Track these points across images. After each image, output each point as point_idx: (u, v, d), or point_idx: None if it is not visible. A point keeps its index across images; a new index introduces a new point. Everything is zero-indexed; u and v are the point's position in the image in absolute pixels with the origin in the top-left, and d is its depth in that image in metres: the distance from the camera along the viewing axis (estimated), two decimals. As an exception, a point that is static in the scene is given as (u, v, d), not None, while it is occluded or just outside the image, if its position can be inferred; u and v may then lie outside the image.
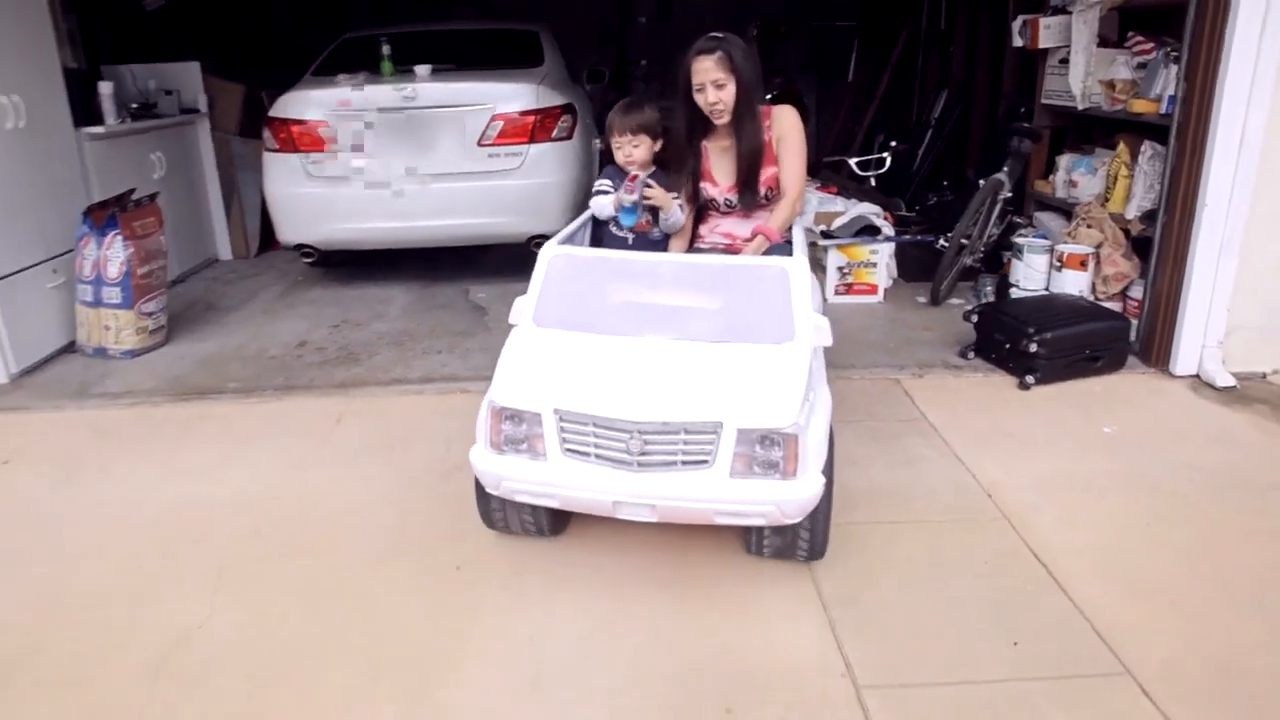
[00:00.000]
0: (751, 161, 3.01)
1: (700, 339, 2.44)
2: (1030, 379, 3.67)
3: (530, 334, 2.53)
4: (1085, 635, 2.26)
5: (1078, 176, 4.55)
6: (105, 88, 4.83)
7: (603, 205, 3.16)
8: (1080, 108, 4.47)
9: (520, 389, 2.33)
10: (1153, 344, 3.93)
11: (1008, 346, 3.77)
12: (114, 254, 4.15)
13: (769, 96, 8.28)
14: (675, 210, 3.13)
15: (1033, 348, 3.63)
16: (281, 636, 2.30)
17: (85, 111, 4.71)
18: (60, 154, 4.46)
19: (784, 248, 2.97)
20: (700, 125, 3.05)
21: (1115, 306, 4.19)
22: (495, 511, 2.56)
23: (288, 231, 4.95)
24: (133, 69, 5.59)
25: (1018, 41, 4.76)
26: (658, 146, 3.16)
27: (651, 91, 10.22)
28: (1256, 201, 3.61)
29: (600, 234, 3.27)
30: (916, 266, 5.06)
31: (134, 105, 5.34)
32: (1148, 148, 4.03)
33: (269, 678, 2.15)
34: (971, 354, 3.98)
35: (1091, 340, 3.74)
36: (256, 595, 2.47)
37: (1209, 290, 3.73)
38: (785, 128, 3.05)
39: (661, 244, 3.23)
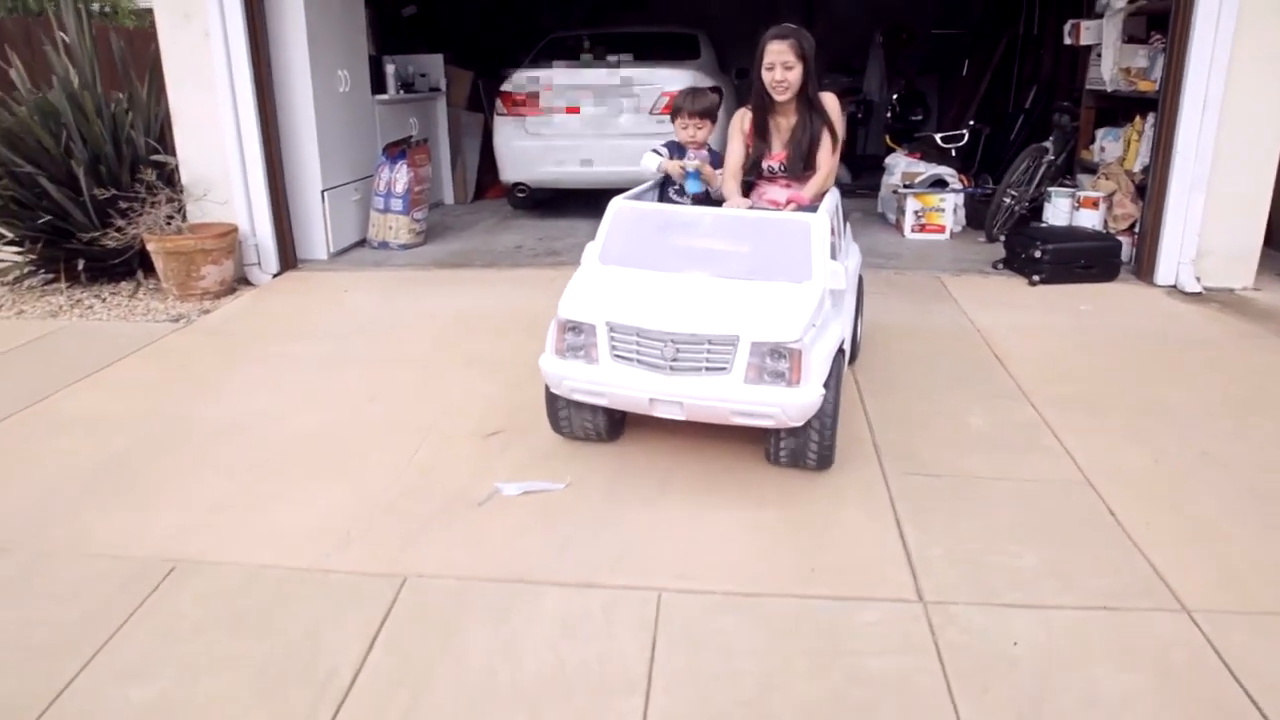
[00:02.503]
0: (811, 136, 3.50)
1: (731, 277, 2.89)
2: (1036, 278, 5.06)
3: (594, 269, 3.05)
4: (1009, 385, 3.74)
5: (1107, 144, 5.85)
6: (389, 68, 6.86)
7: (650, 160, 3.72)
8: (1109, 90, 5.78)
9: (580, 306, 2.84)
10: (1142, 262, 5.23)
11: (1023, 255, 5.17)
12: (399, 176, 6.11)
13: (894, 96, 9.76)
14: (718, 180, 3.67)
15: (1039, 254, 5.02)
16: (491, 354, 4.04)
17: (376, 84, 6.73)
18: (364, 111, 6.48)
19: (811, 209, 3.34)
20: (767, 101, 3.50)
21: (1125, 239, 5.48)
22: (562, 418, 3.08)
23: (510, 173, 6.84)
24: (397, 58, 7.63)
25: (1067, 40, 6.09)
26: (714, 130, 3.75)
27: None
28: (1218, 151, 4.88)
29: (663, 199, 3.81)
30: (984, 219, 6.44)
31: (400, 83, 7.36)
32: (1150, 118, 5.33)
33: (491, 361, 3.89)
34: (1000, 265, 5.40)
35: (1087, 254, 5.10)
36: (491, 343, 4.22)
37: (1182, 218, 5.01)
38: (831, 107, 3.53)
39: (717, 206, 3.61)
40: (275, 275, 5.58)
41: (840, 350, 2.88)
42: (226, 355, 4.31)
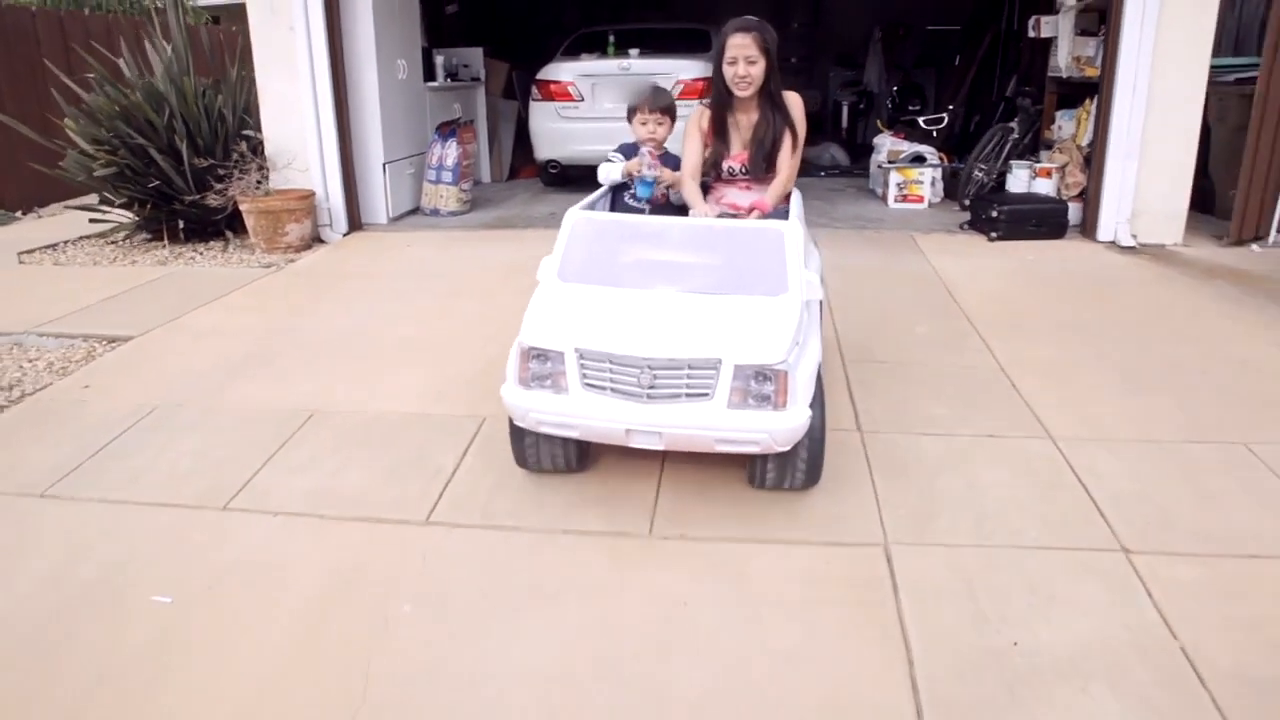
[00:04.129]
0: (774, 135, 3.39)
1: (704, 291, 2.73)
2: (994, 234, 5.94)
3: (555, 287, 2.82)
4: (953, 308, 4.64)
5: (1063, 123, 6.71)
6: (438, 60, 7.81)
7: (609, 170, 3.60)
8: (1065, 76, 6.64)
9: (545, 331, 2.61)
10: (1086, 222, 6.10)
11: (983, 216, 6.05)
12: (449, 152, 7.05)
13: (894, 88, 10.64)
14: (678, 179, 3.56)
15: (995, 214, 5.91)
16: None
17: (426, 73, 7.68)
18: (417, 96, 7.43)
19: (780, 216, 3.33)
20: (725, 98, 3.41)
21: (1076, 204, 6.34)
22: (528, 451, 2.83)
23: (543, 151, 7.79)
24: (444, 51, 8.57)
25: (1031, 33, 6.95)
26: (673, 129, 3.62)
27: (800, 83, 12.74)
28: (1147, 126, 5.74)
29: (617, 205, 3.67)
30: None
31: (447, 73, 8.31)
32: (1095, 99, 6.20)
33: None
34: (965, 226, 6.28)
35: (1037, 215, 5.98)
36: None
37: (1118, 183, 5.87)
38: (794, 105, 3.45)
39: (677, 213, 3.51)
40: (344, 235, 6.53)
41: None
42: (316, 290, 5.27)
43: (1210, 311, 4.65)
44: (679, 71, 7.46)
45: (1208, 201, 6.52)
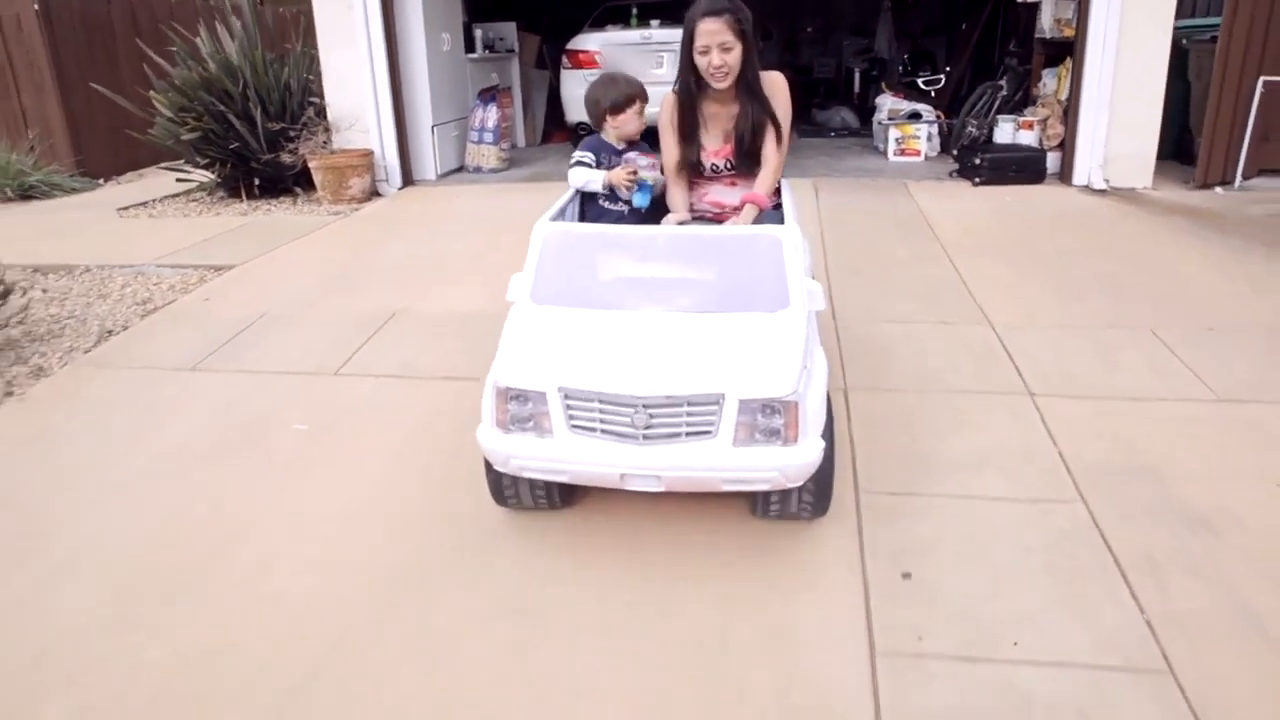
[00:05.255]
0: (756, 126, 3.07)
1: (697, 310, 2.47)
2: (977, 180, 6.64)
3: (529, 311, 2.55)
4: (930, 236, 5.37)
5: (1048, 80, 7.37)
6: (478, 33, 8.59)
7: (589, 178, 3.21)
8: (1049, 37, 7.29)
9: (523, 369, 2.33)
10: (1064, 168, 6.78)
11: (969, 164, 6.75)
12: (490, 115, 7.85)
13: (905, 56, 11.27)
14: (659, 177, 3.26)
15: (978, 162, 6.60)
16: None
17: (467, 45, 8.47)
18: (459, 66, 8.22)
19: (773, 214, 3.09)
20: (695, 90, 3.08)
21: (1056, 153, 7.00)
22: (506, 489, 2.56)
23: (574, 115, 8.55)
24: (482, 25, 9.35)
25: (1020, -2, 7.61)
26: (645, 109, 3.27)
27: (815, 51, 13.40)
28: (1116, 80, 6.40)
29: (589, 212, 3.29)
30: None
31: (484, 45, 9.08)
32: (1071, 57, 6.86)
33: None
34: (954, 174, 6.98)
35: (1016, 162, 6.66)
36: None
37: (1091, 133, 6.54)
38: (776, 92, 3.11)
39: (653, 215, 3.21)
40: (399, 189, 7.36)
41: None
42: (381, 231, 6.11)
43: (1155, 238, 5.35)
44: (697, 40, 8.18)
45: (1188, 152, 7.15)
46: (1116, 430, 3.08)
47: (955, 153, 6.93)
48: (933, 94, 8.53)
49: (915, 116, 7.84)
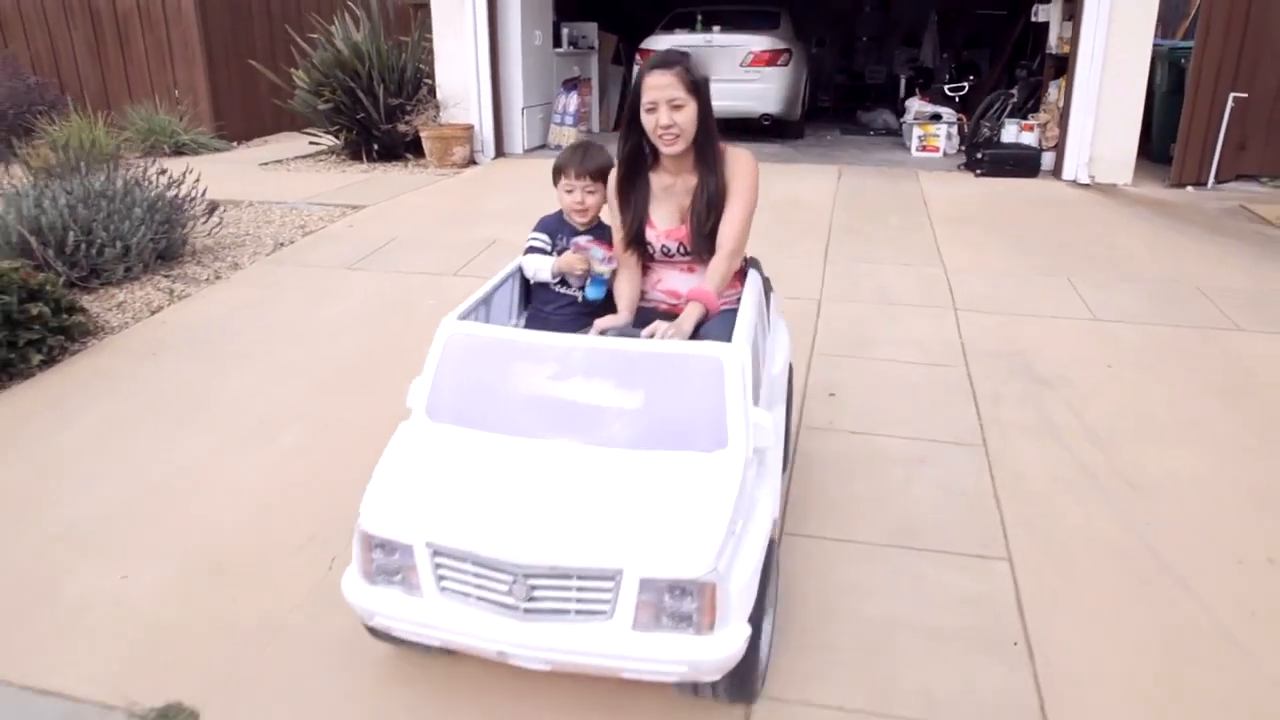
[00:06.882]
0: (714, 201, 2.56)
1: (615, 444, 2.05)
2: (979, 171, 7.81)
3: (419, 431, 2.17)
4: (924, 212, 6.60)
5: (1052, 90, 8.49)
6: (565, 30, 10.01)
7: (539, 266, 2.75)
8: (1054, 52, 8.42)
9: (392, 513, 1.97)
10: (1056, 165, 7.91)
11: (973, 158, 7.93)
12: (571, 101, 9.25)
13: (952, 66, 12.38)
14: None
15: (980, 156, 7.78)
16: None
17: (555, 40, 9.88)
18: (547, 58, 9.65)
19: (725, 318, 2.44)
20: (645, 156, 2.62)
21: (1052, 154, 8.12)
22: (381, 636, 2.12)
23: (642, 103, 9.88)
24: (568, 24, 10.76)
25: (1034, 18, 8.72)
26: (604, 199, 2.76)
27: (869, 60, 14.57)
28: (1102, 88, 7.52)
29: (535, 289, 2.84)
30: (973, 143, 9.15)
31: (569, 41, 10.49)
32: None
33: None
34: (962, 167, 8.16)
35: (1013, 158, 7.82)
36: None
37: (1080, 133, 7.66)
38: (740, 169, 2.60)
39: (608, 307, 2.71)
40: (493, 159, 8.79)
41: (771, 542, 2.09)
42: (481, 187, 7.54)
43: (1113, 220, 6.49)
44: (751, 44, 9.47)
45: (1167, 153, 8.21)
46: (1008, 331, 4.31)
47: (964, 150, 8.11)
48: (957, 99, 9.68)
49: (936, 118, 9.02)
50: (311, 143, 9.25)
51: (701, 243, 2.61)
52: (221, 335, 4.39)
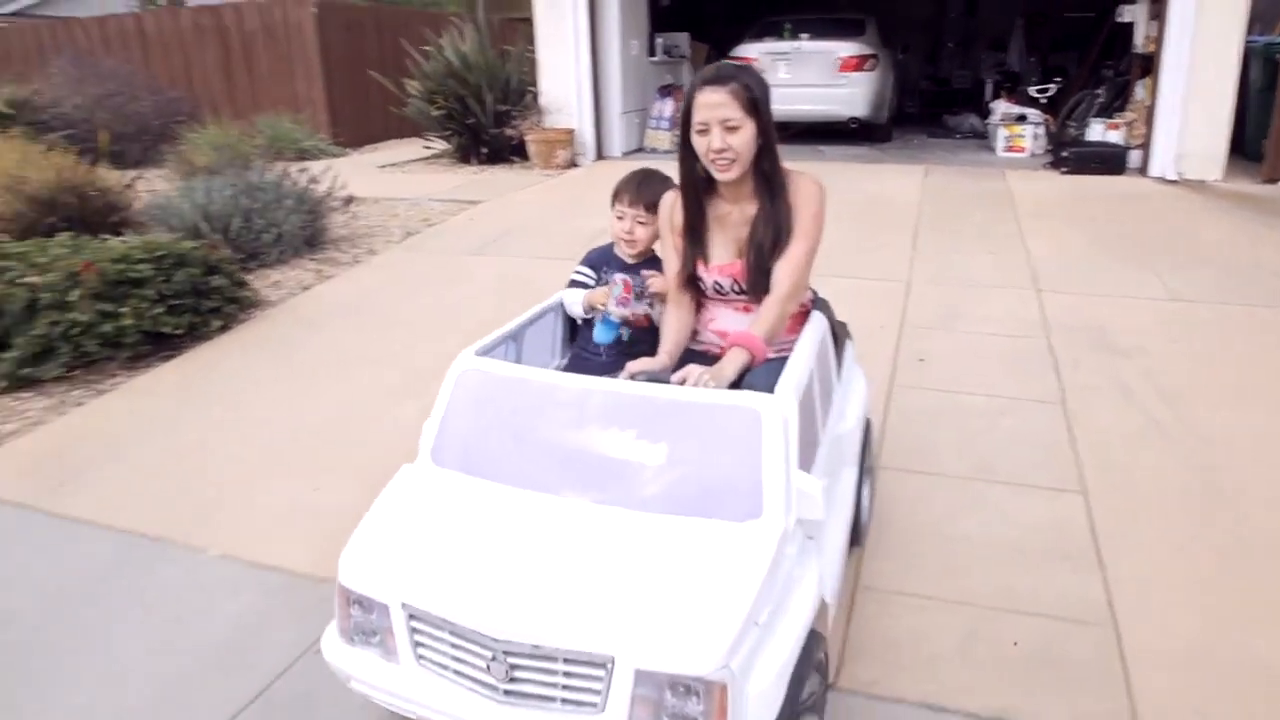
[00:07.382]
0: (776, 234, 2.25)
1: (630, 506, 1.78)
2: (1064, 169, 8.01)
3: (419, 476, 1.98)
4: (1009, 206, 6.86)
5: (1139, 89, 8.63)
6: (659, 41, 10.51)
7: (573, 301, 2.59)
8: (1140, 51, 8.56)
9: (371, 566, 1.78)
10: (1142, 162, 8.06)
11: (1059, 156, 8.13)
12: (666, 107, 9.73)
13: (1040, 69, 12.49)
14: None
15: (1065, 155, 7.98)
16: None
17: (650, 50, 10.39)
18: (643, 67, 10.16)
19: (775, 367, 2.05)
20: (701, 182, 2.31)
21: (1139, 152, 8.26)
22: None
23: (731, 108, 10.31)
24: (662, 34, 11.26)
25: (1118, 19, 8.86)
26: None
27: (955, 64, 14.73)
28: (1189, 87, 7.65)
29: (577, 335, 2.66)
30: (1059, 143, 9.32)
31: (663, 51, 10.98)
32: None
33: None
34: (1048, 165, 8.36)
35: (1097, 155, 7.99)
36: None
37: (1167, 130, 7.79)
38: (803, 199, 2.28)
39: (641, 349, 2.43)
40: (593, 161, 9.33)
41: (815, 635, 1.76)
42: (583, 187, 8.07)
43: (1197, 214, 6.65)
44: (838, 50, 9.82)
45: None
46: (1088, 309, 4.60)
47: (1051, 148, 8.31)
48: (1043, 101, 9.85)
49: (1021, 119, 9.22)
50: (425, 146, 9.94)
51: (760, 280, 2.29)
52: (368, 307, 4.97)
